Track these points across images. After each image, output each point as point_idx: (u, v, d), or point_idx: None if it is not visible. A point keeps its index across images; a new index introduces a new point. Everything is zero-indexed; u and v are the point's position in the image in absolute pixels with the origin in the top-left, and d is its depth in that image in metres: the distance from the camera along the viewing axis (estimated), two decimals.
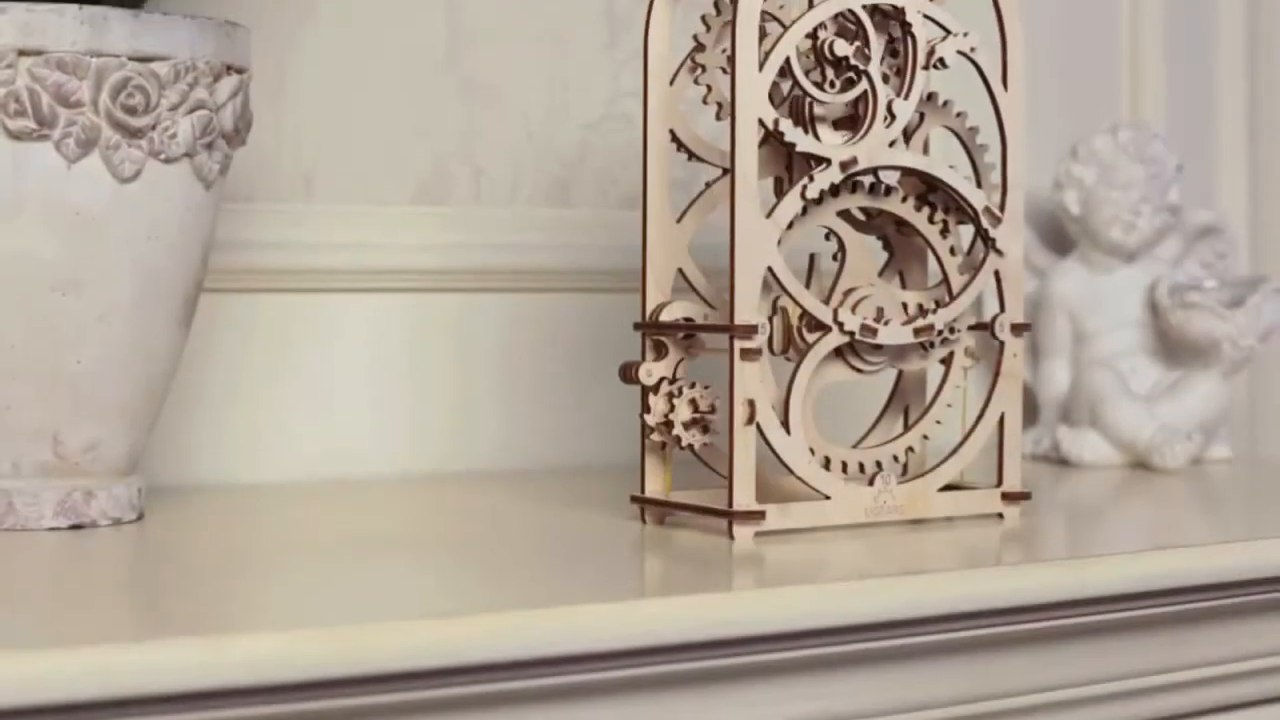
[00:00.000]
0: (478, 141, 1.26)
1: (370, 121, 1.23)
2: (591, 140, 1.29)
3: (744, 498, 0.93)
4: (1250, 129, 1.61)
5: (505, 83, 1.27)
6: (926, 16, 0.99)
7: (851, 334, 0.97)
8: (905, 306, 1.00)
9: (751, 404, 0.93)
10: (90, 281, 0.93)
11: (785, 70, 0.95)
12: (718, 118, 1.00)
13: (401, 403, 1.23)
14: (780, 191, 0.98)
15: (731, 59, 0.93)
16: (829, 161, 0.95)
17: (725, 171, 1.00)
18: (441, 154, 1.25)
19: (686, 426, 0.98)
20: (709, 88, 1.01)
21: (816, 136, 0.97)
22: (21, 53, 0.90)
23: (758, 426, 0.94)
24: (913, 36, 0.98)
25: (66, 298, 0.92)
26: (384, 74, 1.23)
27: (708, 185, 1.01)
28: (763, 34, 0.95)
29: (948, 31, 0.99)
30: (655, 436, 0.99)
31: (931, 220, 1.01)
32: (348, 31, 1.22)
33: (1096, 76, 1.54)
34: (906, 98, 0.98)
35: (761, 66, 0.93)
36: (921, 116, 1.02)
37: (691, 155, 1.01)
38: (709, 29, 1.01)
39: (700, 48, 1.01)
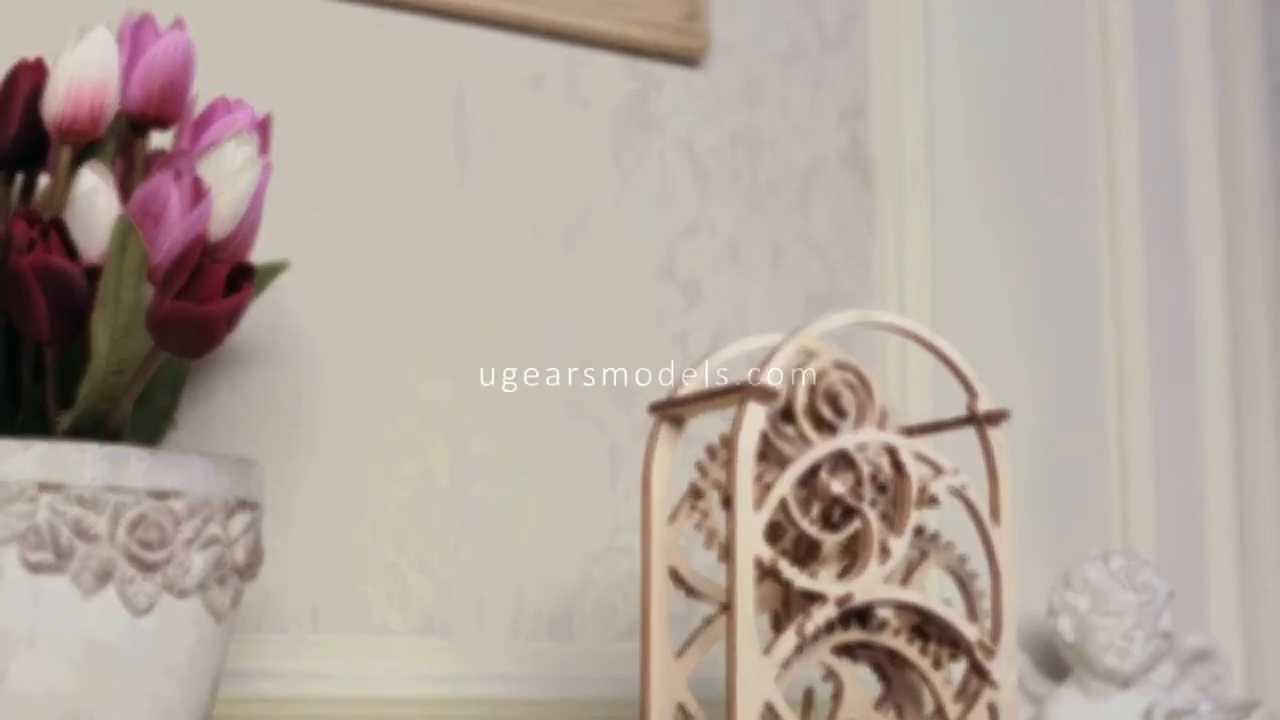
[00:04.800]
0: (481, 573, 1.28)
1: (375, 553, 1.25)
2: (593, 571, 1.31)
3: None
4: (1240, 553, 1.63)
5: (507, 515, 1.29)
6: (918, 455, 1.02)
7: None
8: None
9: None
10: (102, 713, 0.93)
11: (782, 509, 0.97)
12: (718, 558, 1.02)
13: None
14: (778, 627, 1.00)
15: (729, 499, 0.96)
16: (825, 598, 0.98)
17: (724, 608, 1.02)
18: (445, 585, 1.26)
19: None
20: (708, 526, 1.03)
21: (813, 574, 0.99)
22: (43, 487, 0.92)
23: None
24: (905, 475, 1.01)
25: None
26: (389, 506, 1.26)
27: (707, 621, 1.03)
28: (760, 473, 0.98)
29: (939, 469, 1.02)
30: None
31: (925, 653, 1.03)
32: (354, 465, 1.25)
33: (1088, 504, 1.56)
34: (900, 534, 1.00)
35: (759, 506, 0.96)
36: (920, 554, 1.05)
37: (691, 592, 1.03)
38: (707, 470, 1.04)
39: (699, 488, 1.04)
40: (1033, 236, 1.57)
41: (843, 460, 1.00)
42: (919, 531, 1.04)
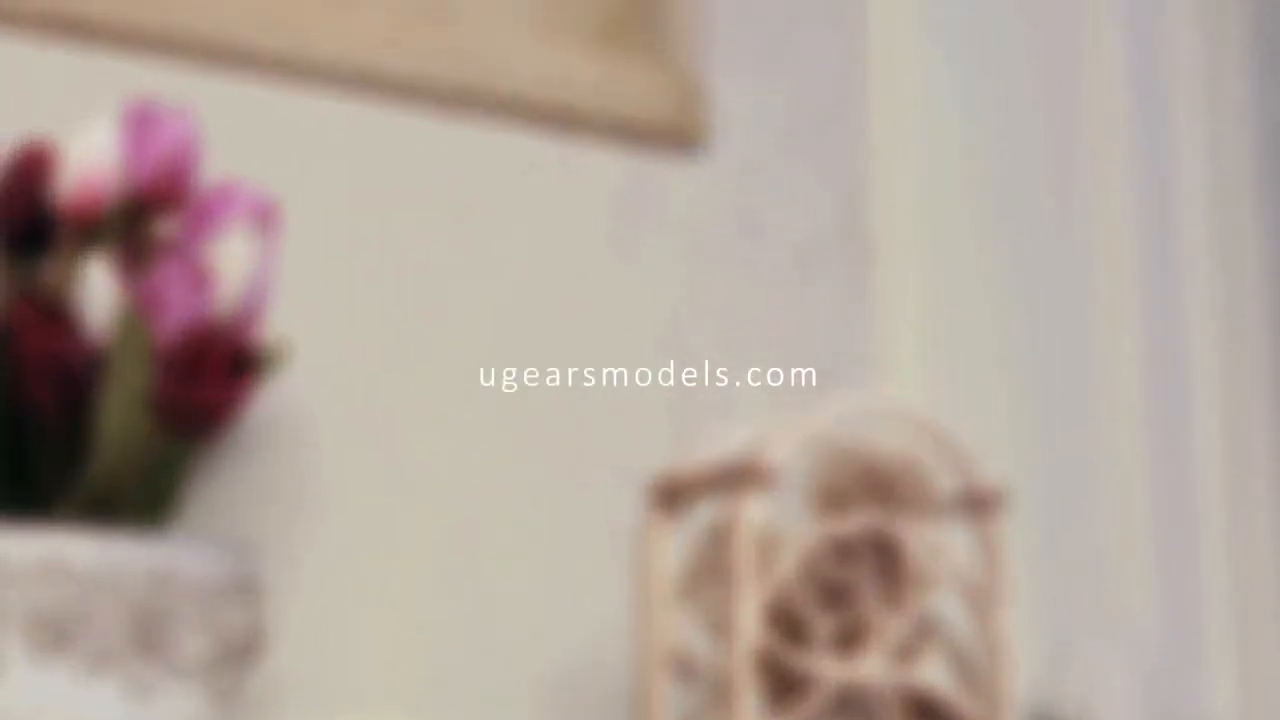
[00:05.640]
0: (479, 653, 1.27)
1: (377, 633, 1.25)
2: (596, 650, 1.31)
3: None
4: (1239, 629, 1.63)
5: (511, 594, 1.29)
6: (920, 539, 1.02)
7: None
8: None
9: None
10: None
11: (782, 592, 0.98)
12: (718, 640, 1.03)
13: None
14: (777, 710, 1.00)
15: (729, 581, 0.96)
16: (824, 681, 0.98)
17: (723, 690, 1.02)
18: (444, 665, 1.26)
19: None
20: (707, 607, 1.03)
21: (813, 655, 0.99)
22: (44, 570, 0.93)
23: None
24: (906, 559, 1.01)
25: None
26: (391, 587, 1.26)
27: (705, 706, 1.03)
28: (760, 556, 0.98)
29: (940, 554, 1.03)
30: None
31: None
32: (357, 546, 1.25)
33: (1085, 580, 1.56)
34: (900, 616, 1.01)
35: (759, 588, 0.96)
36: (920, 634, 1.05)
37: (688, 674, 1.03)
38: (707, 551, 1.04)
39: (698, 569, 1.04)
40: (1032, 311, 1.57)
41: (844, 543, 1.00)
42: (919, 612, 1.04)
